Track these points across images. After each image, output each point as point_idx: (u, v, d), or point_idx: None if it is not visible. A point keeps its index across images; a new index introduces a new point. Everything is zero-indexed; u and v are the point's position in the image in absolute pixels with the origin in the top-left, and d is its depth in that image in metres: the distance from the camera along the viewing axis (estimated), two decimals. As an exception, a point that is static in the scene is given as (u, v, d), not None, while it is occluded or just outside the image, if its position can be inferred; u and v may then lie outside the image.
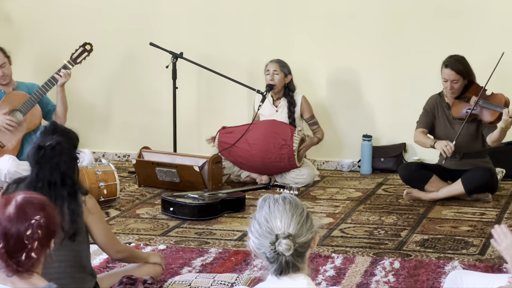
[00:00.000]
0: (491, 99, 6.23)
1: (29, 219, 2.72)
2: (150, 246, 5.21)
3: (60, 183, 3.81)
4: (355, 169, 7.49)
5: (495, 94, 6.26)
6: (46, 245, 2.78)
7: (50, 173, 3.79)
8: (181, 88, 7.33)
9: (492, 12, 7.15)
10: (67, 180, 3.83)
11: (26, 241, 2.72)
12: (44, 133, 3.88)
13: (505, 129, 6.07)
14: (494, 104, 6.17)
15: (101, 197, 6.07)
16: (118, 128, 7.97)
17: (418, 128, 6.45)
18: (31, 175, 3.84)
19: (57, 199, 3.79)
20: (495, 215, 5.95)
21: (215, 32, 7.68)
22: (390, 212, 6.04)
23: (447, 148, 6.14)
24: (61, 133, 3.89)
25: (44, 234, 2.75)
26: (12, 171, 6.25)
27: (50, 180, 3.79)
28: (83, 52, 6.82)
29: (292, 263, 2.63)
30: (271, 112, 7.07)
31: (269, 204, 2.67)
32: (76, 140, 3.96)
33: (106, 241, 4.06)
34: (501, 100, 6.20)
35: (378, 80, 7.46)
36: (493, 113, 6.18)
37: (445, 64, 6.31)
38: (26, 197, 2.77)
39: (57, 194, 3.80)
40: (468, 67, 6.32)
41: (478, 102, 6.21)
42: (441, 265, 4.80)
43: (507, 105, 6.15)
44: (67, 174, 3.83)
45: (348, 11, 7.42)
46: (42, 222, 2.74)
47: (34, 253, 2.73)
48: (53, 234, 2.80)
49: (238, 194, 6.19)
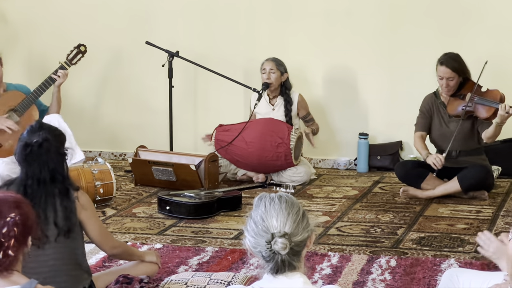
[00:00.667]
0: (486, 95, 6.24)
1: (4, 217, 2.74)
2: (147, 245, 5.21)
3: (50, 180, 3.81)
4: (351, 167, 7.49)
5: (490, 90, 6.27)
6: (23, 243, 2.79)
7: (39, 171, 3.79)
8: (177, 86, 7.33)
9: (488, 8, 7.15)
10: (57, 176, 3.83)
11: (3, 239, 2.73)
12: (30, 131, 3.88)
13: (500, 124, 6.08)
14: (489, 100, 6.18)
15: (98, 196, 6.06)
16: (114, 127, 7.97)
17: (417, 131, 6.45)
18: (20, 173, 3.85)
19: (48, 196, 3.80)
20: (491, 213, 5.96)
21: (211, 30, 7.68)
22: (386, 210, 6.04)
23: (436, 160, 6.17)
24: (47, 131, 3.88)
25: (20, 232, 2.76)
26: (4, 174, 6.20)
27: (40, 177, 3.80)
28: (78, 53, 6.82)
29: (288, 262, 2.63)
30: (268, 111, 7.07)
31: (265, 203, 2.67)
32: (63, 137, 3.95)
33: (100, 236, 4.05)
34: (496, 96, 6.21)
35: (374, 78, 7.46)
36: (488, 109, 6.18)
37: (440, 61, 6.31)
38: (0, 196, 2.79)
39: (47, 191, 3.80)
40: (463, 64, 6.32)
41: (473, 99, 6.21)
42: (438, 263, 4.81)
43: (503, 101, 6.16)
44: (56, 171, 3.83)
45: (344, 9, 7.42)
46: (17, 219, 2.75)
47: (11, 251, 2.74)
48: (29, 231, 2.81)
49: (235, 192, 6.19)
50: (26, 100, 6.53)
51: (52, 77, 6.63)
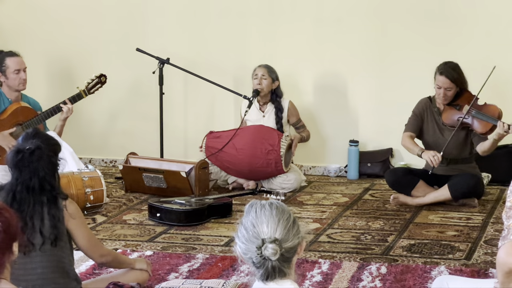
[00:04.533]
0: (484, 109, 6.21)
1: None
2: (137, 252, 5.20)
3: (39, 188, 3.80)
4: (342, 174, 7.49)
5: (488, 105, 6.25)
6: (7, 250, 2.77)
7: (28, 178, 3.79)
8: (168, 93, 7.32)
9: (479, 17, 7.17)
10: (45, 186, 3.82)
11: None
12: (25, 138, 3.87)
13: (497, 141, 6.09)
14: (487, 115, 6.16)
15: (88, 203, 6.05)
16: (104, 134, 7.96)
17: (406, 131, 6.44)
18: (11, 179, 3.84)
19: (36, 204, 3.79)
20: (481, 220, 5.97)
21: (201, 37, 7.68)
22: (377, 217, 6.05)
23: (435, 158, 6.14)
24: (42, 139, 3.88)
25: (3, 239, 2.74)
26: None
27: (29, 185, 3.79)
28: (98, 83, 6.82)
29: (278, 268, 2.63)
30: (258, 118, 7.08)
31: (256, 209, 2.68)
32: (57, 147, 3.95)
33: (89, 245, 4.04)
34: (494, 112, 6.19)
35: (364, 86, 7.47)
36: (486, 124, 6.17)
37: (439, 71, 6.28)
38: None
39: (35, 199, 3.79)
40: (462, 75, 6.30)
41: (471, 112, 6.20)
42: (428, 270, 4.81)
43: (500, 117, 6.14)
44: (46, 180, 3.82)
45: (334, 16, 7.44)
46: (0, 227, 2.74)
47: None
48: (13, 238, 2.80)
49: (225, 199, 6.19)
50: (36, 119, 6.53)
51: (61, 106, 6.61)
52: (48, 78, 7.95)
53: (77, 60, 7.82)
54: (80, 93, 6.73)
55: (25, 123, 6.53)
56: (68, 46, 6.95)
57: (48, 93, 7.72)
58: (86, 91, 6.75)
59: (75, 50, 7.86)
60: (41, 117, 6.57)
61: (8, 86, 6.57)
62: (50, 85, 7.93)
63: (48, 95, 7.59)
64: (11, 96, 6.59)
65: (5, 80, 6.55)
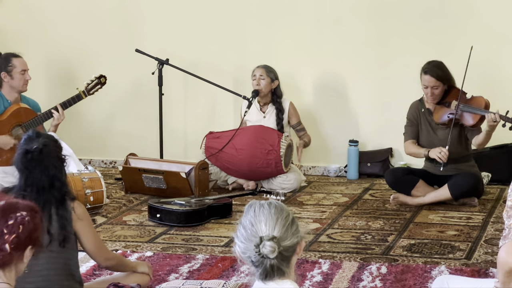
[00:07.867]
0: (471, 102, 6.25)
1: (15, 212, 2.74)
2: (137, 253, 5.20)
3: (49, 186, 3.80)
4: (341, 174, 7.49)
5: (474, 97, 6.29)
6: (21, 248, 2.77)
7: (39, 177, 3.79)
8: (167, 94, 7.32)
9: (477, 18, 7.18)
10: (55, 183, 3.83)
11: (5, 230, 2.71)
12: (28, 139, 3.87)
13: (490, 132, 6.10)
14: (474, 107, 6.20)
15: (88, 204, 6.05)
16: (104, 135, 7.96)
17: (407, 140, 6.46)
18: (19, 182, 3.83)
19: (46, 204, 3.79)
20: (481, 219, 5.97)
21: (201, 38, 7.68)
22: (377, 217, 6.05)
23: (442, 154, 6.15)
24: (45, 137, 3.89)
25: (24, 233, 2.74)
26: None
27: (39, 184, 3.79)
28: (97, 84, 6.82)
29: (277, 267, 2.63)
30: (259, 118, 7.07)
31: (255, 208, 2.68)
32: (59, 143, 3.96)
33: (95, 248, 4.05)
34: (481, 103, 6.22)
35: (364, 85, 7.47)
36: (474, 116, 6.20)
37: (424, 70, 6.31)
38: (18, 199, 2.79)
39: (45, 199, 3.80)
40: (447, 72, 6.32)
41: (459, 106, 6.23)
42: (428, 270, 4.81)
43: (488, 107, 6.19)
44: (56, 177, 3.83)
45: (334, 17, 7.44)
46: (26, 220, 2.74)
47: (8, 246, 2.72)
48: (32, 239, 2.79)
49: (225, 200, 6.19)
50: (36, 120, 6.53)
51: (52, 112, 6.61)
52: (48, 80, 7.94)
53: (76, 61, 7.81)
54: (79, 94, 6.73)
55: (25, 124, 6.53)
56: (68, 48, 6.96)
57: (48, 95, 7.72)
58: (85, 92, 6.75)
59: (75, 51, 7.86)
60: (41, 118, 6.57)
61: (11, 87, 6.56)
62: (49, 86, 7.93)
63: (48, 97, 7.59)
64: (11, 98, 6.59)
65: (9, 80, 6.53)
